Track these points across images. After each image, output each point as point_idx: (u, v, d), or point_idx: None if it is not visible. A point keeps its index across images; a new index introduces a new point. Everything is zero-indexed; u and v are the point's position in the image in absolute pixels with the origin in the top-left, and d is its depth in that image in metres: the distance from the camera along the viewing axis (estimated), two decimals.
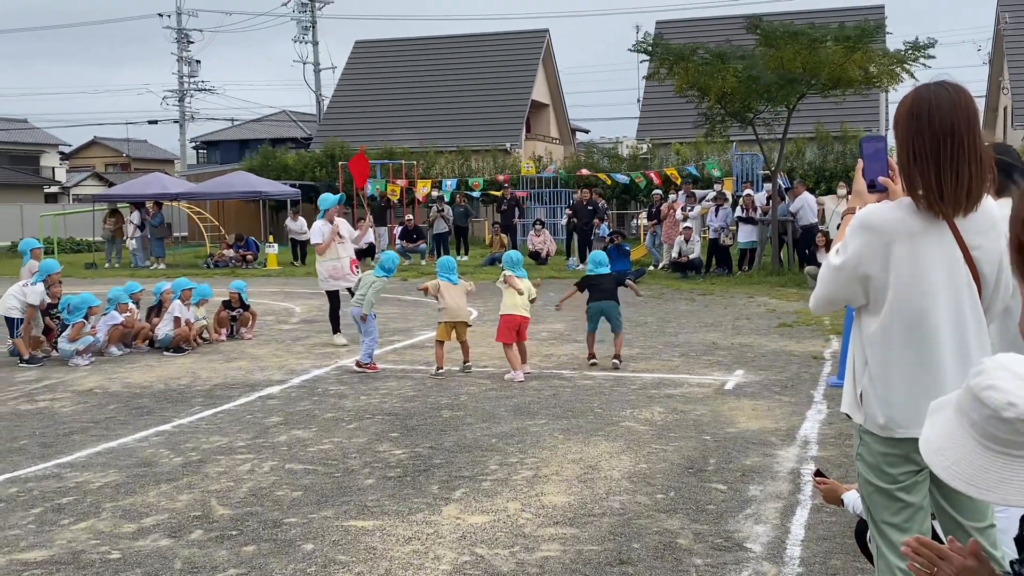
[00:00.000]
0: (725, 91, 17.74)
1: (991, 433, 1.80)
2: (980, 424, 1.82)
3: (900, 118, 2.75)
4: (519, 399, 8.06)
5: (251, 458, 6.37)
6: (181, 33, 49.35)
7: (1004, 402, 1.79)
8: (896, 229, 2.71)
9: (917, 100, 2.72)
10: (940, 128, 2.66)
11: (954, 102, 2.68)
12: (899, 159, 2.76)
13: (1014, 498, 1.76)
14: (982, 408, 1.82)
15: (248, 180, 26.43)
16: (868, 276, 2.75)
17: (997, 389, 1.81)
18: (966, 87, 2.73)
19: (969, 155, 2.66)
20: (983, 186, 2.70)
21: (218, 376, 9.43)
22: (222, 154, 57.21)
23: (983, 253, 2.74)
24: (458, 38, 41.27)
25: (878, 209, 2.75)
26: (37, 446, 6.78)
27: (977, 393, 1.84)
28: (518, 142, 36.42)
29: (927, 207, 2.69)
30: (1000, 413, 1.78)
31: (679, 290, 16.89)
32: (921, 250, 2.70)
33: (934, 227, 2.71)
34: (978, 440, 1.82)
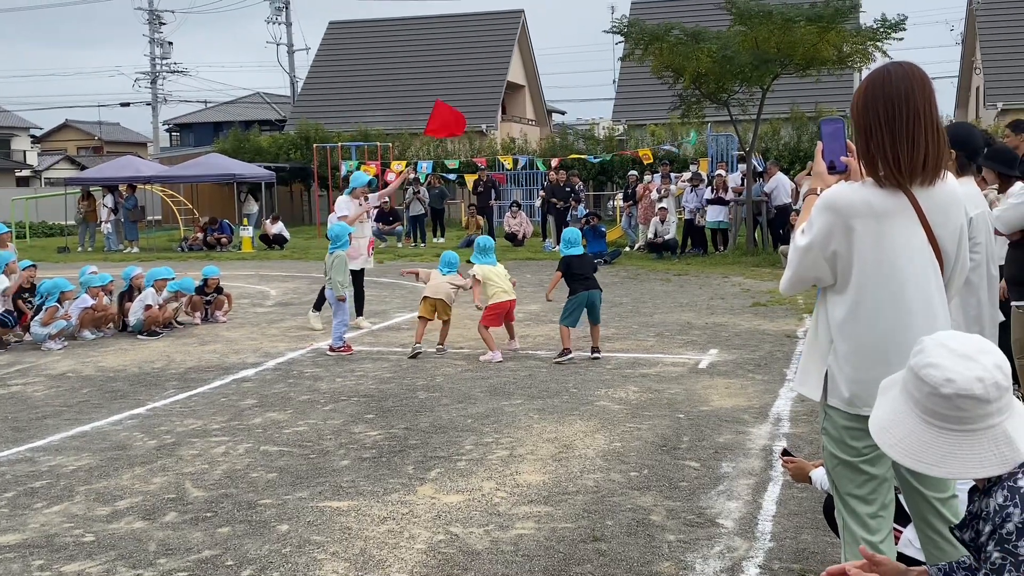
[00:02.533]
0: (700, 72, 17.78)
1: (932, 409, 1.85)
2: (922, 401, 1.87)
3: (856, 99, 2.79)
4: (495, 380, 8.08)
5: (226, 440, 6.36)
6: (153, 14, 48.79)
7: (942, 379, 1.84)
8: (859, 210, 2.74)
9: (871, 77, 2.77)
10: (895, 95, 2.69)
11: (907, 73, 2.73)
12: (857, 141, 2.79)
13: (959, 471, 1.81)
14: (923, 385, 1.87)
15: (222, 163, 26.24)
16: (835, 254, 2.78)
17: (936, 366, 1.86)
18: (919, 67, 2.77)
19: (925, 124, 2.69)
20: (941, 159, 2.73)
21: (192, 359, 9.39)
22: (196, 137, 56.68)
23: (945, 231, 2.78)
24: (433, 19, 41.06)
25: (842, 189, 2.79)
26: (10, 430, 6.74)
27: (917, 371, 1.89)
28: (494, 124, 36.35)
29: (887, 181, 2.72)
30: (939, 390, 1.84)
31: (654, 271, 16.95)
32: (886, 230, 2.74)
33: (898, 206, 2.74)
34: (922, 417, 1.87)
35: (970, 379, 1.81)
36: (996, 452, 1.80)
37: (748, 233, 19.29)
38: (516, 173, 28.97)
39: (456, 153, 31.83)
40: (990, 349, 1.87)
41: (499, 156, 28.44)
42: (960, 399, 1.81)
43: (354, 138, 31.64)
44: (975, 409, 1.81)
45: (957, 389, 1.82)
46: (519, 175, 29.40)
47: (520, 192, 30.03)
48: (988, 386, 1.81)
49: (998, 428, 1.81)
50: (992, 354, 1.86)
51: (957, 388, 1.82)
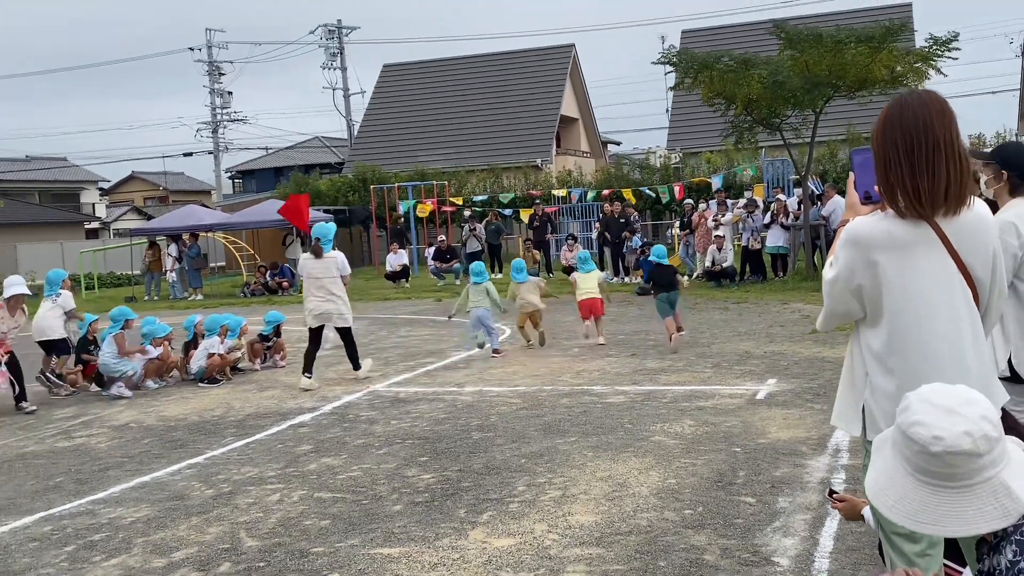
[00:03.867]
0: (751, 98, 17.65)
1: (925, 468, 1.79)
2: (913, 460, 1.81)
3: (875, 130, 2.74)
4: (549, 417, 8.04)
5: (281, 488, 6.40)
6: (212, 66, 50.06)
7: (930, 436, 1.77)
8: (881, 242, 2.68)
9: (889, 108, 2.72)
10: (912, 126, 2.63)
11: (925, 101, 2.67)
12: (877, 172, 2.73)
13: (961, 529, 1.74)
14: (912, 444, 1.81)
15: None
16: (860, 288, 2.72)
17: (922, 424, 1.79)
18: (941, 95, 2.71)
19: (946, 154, 2.62)
20: (965, 187, 2.66)
21: (251, 406, 9.51)
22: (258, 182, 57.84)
23: (975, 258, 2.70)
24: (485, 57, 41.49)
25: (863, 222, 2.73)
26: (73, 483, 6.87)
27: (905, 430, 1.83)
28: (548, 157, 36.49)
29: (908, 212, 2.66)
30: (928, 448, 1.77)
31: (713, 299, 16.78)
32: (910, 262, 2.67)
33: (921, 237, 2.67)
34: (915, 476, 1.81)
35: (957, 435, 1.74)
36: (997, 505, 1.74)
37: (807, 258, 19.02)
38: (572, 206, 28.99)
39: (512, 188, 31.99)
40: (976, 399, 1.81)
41: (554, 189, 28.51)
42: (950, 456, 1.75)
43: (411, 178, 32.00)
44: (967, 464, 1.75)
45: (946, 447, 1.75)
46: (575, 207, 29.41)
47: (577, 225, 30.04)
48: (977, 440, 1.74)
49: (995, 480, 1.75)
50: (978, 404, 1.80)
51: (946, 446, 1.75)
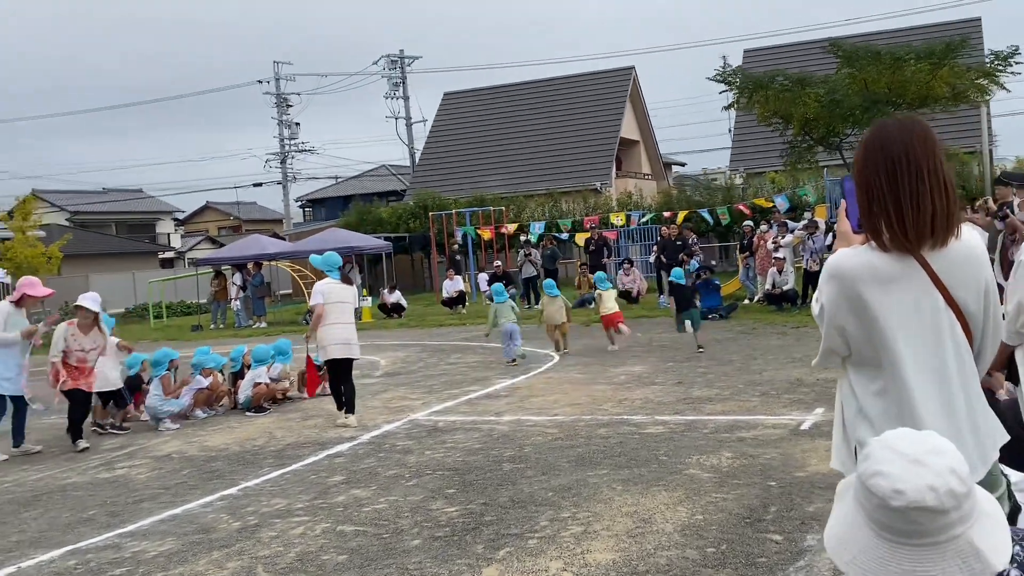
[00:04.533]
0: (808, 117, 17.36)
1: (885, 523, 1.60)
2: (873, 514, 1.61)
3: (856, 159, 2.59)
4: (583, 449, 7.89)
5: (306, 520, 6.37)
6: (280, 98, 51.05)
7: (890, 490, 1.58)
8: (863, 275, 2.53)
9: (870, 134, 2.56)
10: (894, 154, 2.48)
11: (907, 128, 2.51)
12: (860, 203, 2.59)
13: None
14: (871, 497, 1.61)
15: (341, 236, 27.00)
16: (845, 322, 2.57)
17: (883, 475, 1.60)
18: (924, 120, 2.55)
19: (931, 183, 2.47)
20: (952, 218, 2.49)
21: (292, 435, 9.53)
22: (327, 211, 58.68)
23: (965, 292, 2.53)
24: (544, 82, 41.59)
25: (845, 255, 2.58)
26: (105, 516, 6.93)
27: (865, 481, 1.63)
28: (608, 181, 36.35)
29: (893, 245, 2.51)
30: (888, 502, 1.58)
31: (772, 324, 16.45)
32: (894, 297, 2.51)
33: (905, 270, 2.51)
34: (875, 531, 1.62)
35: (921, 488, 1.56)
36: (963, 566, 1.55)
37: None
38: (630, 229, 28.78)
39: (571, 212, 31.91)
40: (944, 449, 1.62)
41: (611, 214, 28.34)
42: (913, 512, 1.56)
43: (470, 204, 32.15)
44: (931, 522, 1.56)
45: (908, 502, 1.56)
46: (633, 231, 29.19)
47: (637, 248, 29.81)
48: (942, 495, 1.55)
49: (962, 539, 1.57)
50: (945, 455, 1.61)
51: (907, 500, 1.56)
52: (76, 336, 9.69)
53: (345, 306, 9.89)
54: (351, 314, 9.99)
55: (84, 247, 43.01)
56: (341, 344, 9.75)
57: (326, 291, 9.83)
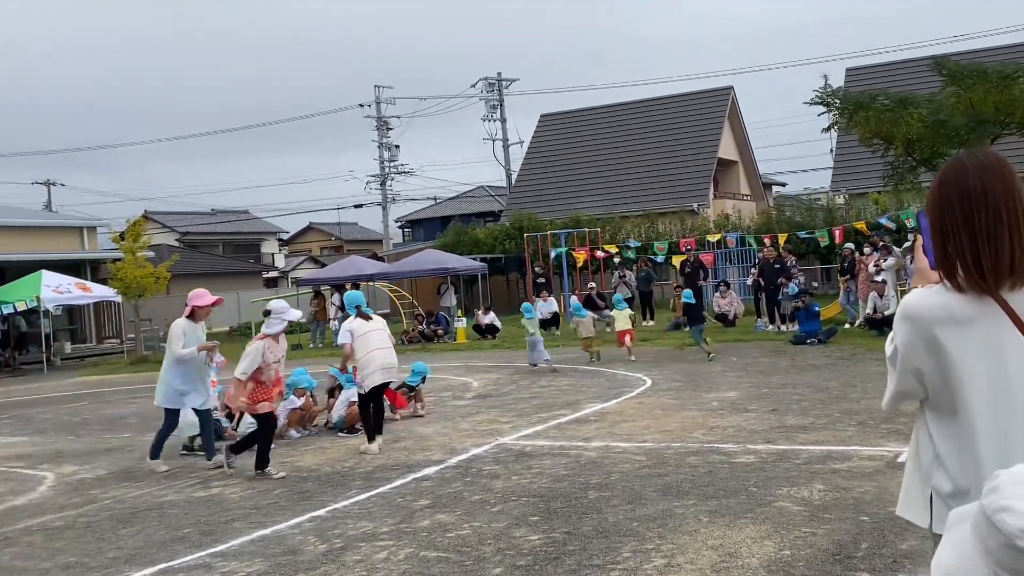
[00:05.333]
0: (911, 138, 16.87)
1: (1007, 563, 1.46)
2: (995, 552, 1.47)
3: (930, 196, 2.49)
4: (671, 477, 7.78)
5: (390, 544, 6.42)
6: (381, 121, 52.06)
7: (1018, 528, 1.45)
8: (938, 317, 2.42)
9: (944, 171, 2.46)
10: (971, 191, 2.38)
11: (984, 164, 2.40)
12: (934, 242, 2.49)
13: None
14: (996, 534, 1.46)
15: (437, 257, 27.32)
16: (920, 369, 2.47)
17: (1012, 511, 1.47)
18: (1002, 155, 2.44)
19: (1009, 222, 2.36)
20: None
21: (382, 457, 9.64)
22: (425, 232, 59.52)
23: None
24: (641, 103, 41.45)
25: (919, 296, 2.48)
26: (198, 535, 7.11)
27: (990, 515, 1.49)
28: (706, 201, 35.95)
29: (968, 287, 2.40)
30: (1015, 542, 1.45)
31: (872, 349, 15.98)
32: (974, 340, 2.40)
33: (983, 312, 2.40)
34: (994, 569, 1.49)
35: None
36: None
37: None
38: (728, 251, 28.37)
39: (667, 234, 31.64)
40: None
41: (708, 235, 28.00)
42: None
43: (566, 225, 32.15)
44: None
45: None
46: (731, 253, 28.77)
47: (734, 270, 29.37)
48: None
49: None
50: None
51: None
52: (272, 348, 9.21)
53: (378, 333, 10.15)
54: (387, 339, 10.24)
55: (192, 266, 44.44)
56: (382, 369, 10.00)
57: (353, 328, 10.18)
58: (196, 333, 9.78)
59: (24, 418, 15.62)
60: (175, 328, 9.71)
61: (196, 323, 9.84)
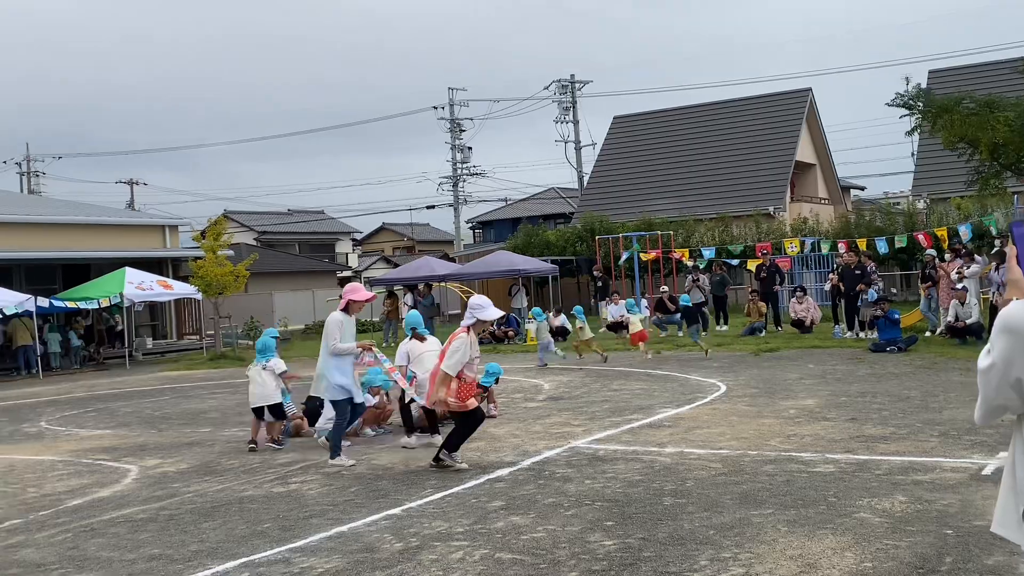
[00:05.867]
0: (996, 142, 16.41)
1: None
2: None
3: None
4: (748, 486, 7.69)
5: (465, 545, 6.46)
6: (454, 123, 52.37)
7: None
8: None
9: None
10: None
11: None
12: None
13: None
14: None
15: (507, 259, 27.40)
16: (1021, 381, 2.41)
17: None
18: None
19: None
20: None
21: (352, 468, 9.55)
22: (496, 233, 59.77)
23: None
24: (716, 105, 41.03)
25: (1019, 308, 2.42)
26: (278, 530, 7.24)
27: None
28: (782, 205, 35.43)
29: None
30: None
31: (955, 358, 15.60)
32: None
33: None
34: None
35: None
36: None
37: None
38: (805, 255, 27.93)
39: (742, 237, 31.26)
40: None
41: (785, 239, 27.60)
42: None
43: (638, 228, 31.99)
44: None
45: None
46: (808, 257, 28.32)
47: (811, 276, 28.90)
48: None
49: None
50: None
51: None
52: (473, 343, 9.05)
53: (432, 355, 10.45)
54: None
55: (269, 265, 45.25)
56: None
57: (410, 349, 10.90)
58: (350, 327, 9.86)
59: (108, 411, 16.08)
60: (332, 322, 9.80)
61: (350, 317, 9.90)
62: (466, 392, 9.00)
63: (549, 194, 61.53)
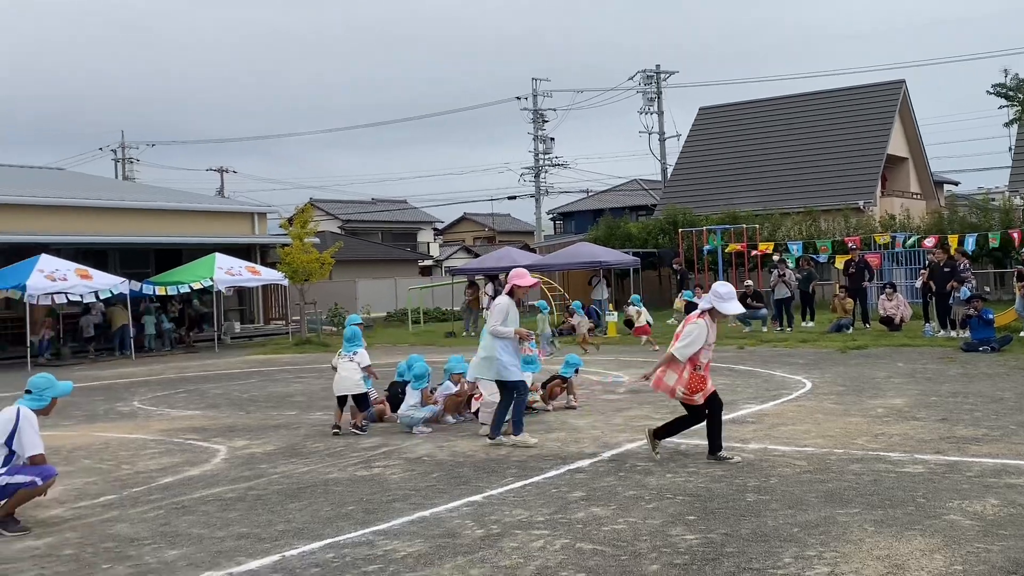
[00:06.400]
0: None
1: None
2: None
3: None
4: (834, 484, 7.55)
5: (546, 534, 6.48)
6: (537, 114, 52.38)
7: None
8: None
9: None
10: None
11: None
12: None
13: None
14: None
15: (588, 250, 27.33)
16: None
17: None
18: None
19: None
20: None
21: (536, 447, 9.73)
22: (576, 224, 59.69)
23: None
24: (805, 96, 40.27)
25: None
26: (362, 512, 7.36)
27: None
28: (872, 199, 34.63)
29: None
30: None
31: None
32: None
33: None
34: None
35: None
36: None
37: None
38: (895, 252, 27.26)
39: (829, 233, 30.65)
40: None
41: (875, 235, 26.98)
42: None
43: (722, 221, 31.60)
44: None
45: None
46: (899, 254, 27.63)
47: (901, 272, 28.20)
48: None
49: None
50: None
51: None
52: (711, 329, 8.60)
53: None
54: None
55: (353, 253, 45.95)
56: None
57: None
58: (514, 313, 9.98)
59: (198, 393, 16.53)
60: (499, 305, 9.98)
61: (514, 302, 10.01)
62: (698, 383, 8.45)
63: (631, 186, 61.18)
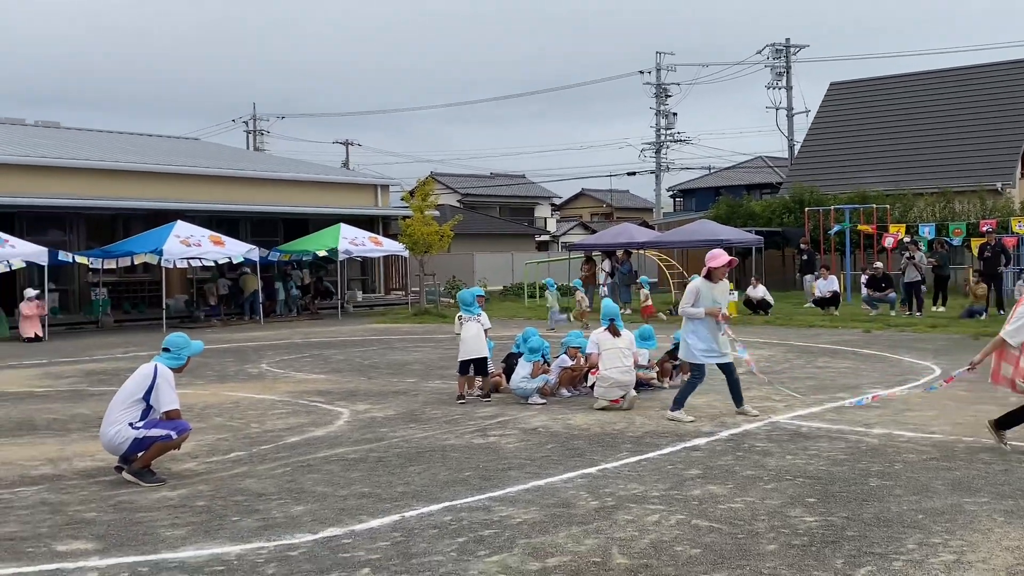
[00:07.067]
0: None
1: None
2: None
3: None
4: (962, 472, 7.31)
5: (661, 509, 6.47)
6: (660, 88, 51.70)
7: None
8: None
9: None
10: None
11: None
12: None
13: None
14: None
15: (710, 228, 26.92)
16: None
17: None
18: None
19: None
20: None
21: (652, 423, 9.71)
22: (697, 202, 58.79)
23: None
24: (941, 72, 38.63)
25: None
26: (478, 479, 7.48)
27: None
28: (1011, 181, 33.07)
29: None
30: None
31: None
32: None
33: None
34: None
35: None
36: None
37: None
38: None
39: (964, 215, 29.43)
40: None
41: (1013, 218, 25.78)
42: None
43: (851, 200, 30.67)
44: None
45: None
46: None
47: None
48: None
49: None
50: None
51: None
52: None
53: (620, 352, 10.70)
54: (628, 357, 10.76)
55: (471, 227, 46.36)
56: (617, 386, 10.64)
57: (600, 340, 10.95)
58: (711, 293, 9.84)
59: (322, 358, 17.03)
60: (690, 287, 10.04)
61: (713, 283, 9.89)
62: None
63: (755, 163, 59.91)
